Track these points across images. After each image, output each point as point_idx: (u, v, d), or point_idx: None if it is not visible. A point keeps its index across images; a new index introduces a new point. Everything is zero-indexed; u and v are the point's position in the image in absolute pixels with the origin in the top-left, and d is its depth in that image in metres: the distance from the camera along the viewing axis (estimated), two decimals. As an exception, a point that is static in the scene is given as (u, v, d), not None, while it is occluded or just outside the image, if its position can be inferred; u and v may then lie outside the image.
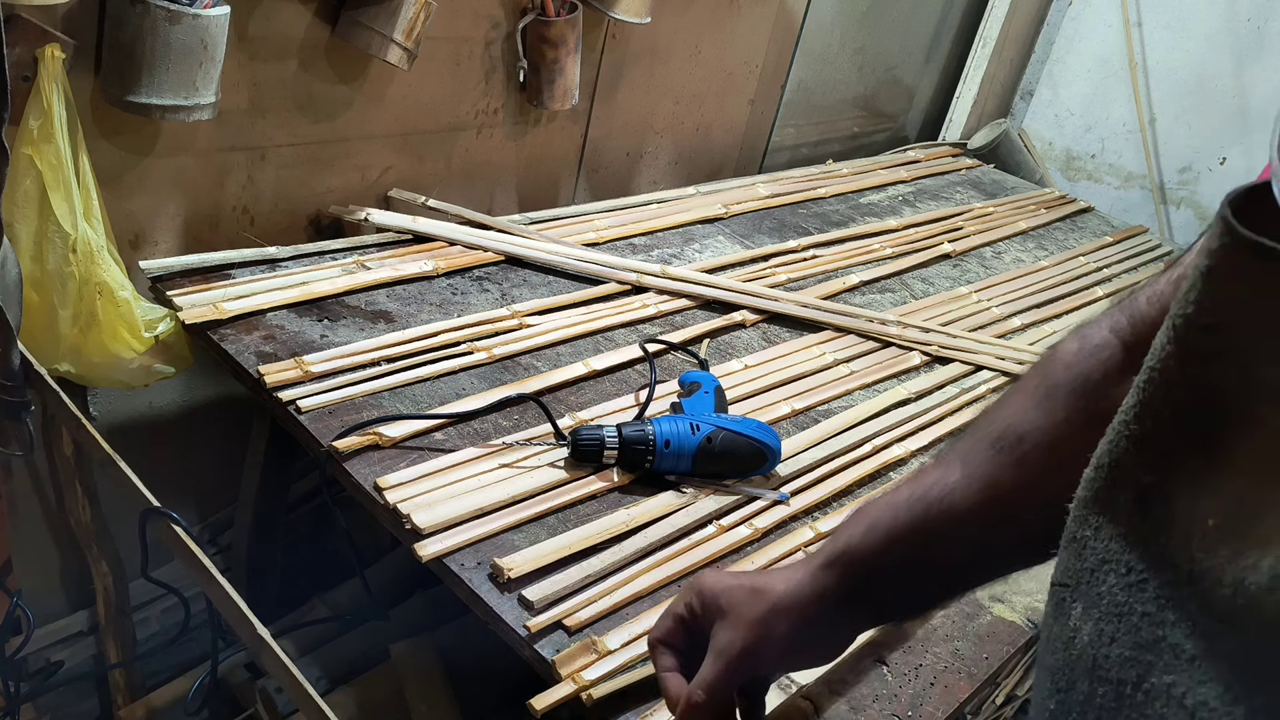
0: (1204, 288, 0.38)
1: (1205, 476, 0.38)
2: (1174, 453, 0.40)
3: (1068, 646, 0.44)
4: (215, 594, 0.90)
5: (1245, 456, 0.37)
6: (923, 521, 0.60)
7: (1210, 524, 0.37)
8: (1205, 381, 0.38)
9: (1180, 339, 0.39)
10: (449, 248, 1.47)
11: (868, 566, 0.62)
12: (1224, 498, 0.37)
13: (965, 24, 2.69)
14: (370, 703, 1.28)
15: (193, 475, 1.48)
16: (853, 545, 0.63)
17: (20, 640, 1.26)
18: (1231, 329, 0.37)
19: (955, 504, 0.59)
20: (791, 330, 1.52)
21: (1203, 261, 0.38)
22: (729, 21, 1.96)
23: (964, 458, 0.61)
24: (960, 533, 0.60)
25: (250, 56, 1.27)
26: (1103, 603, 0.42)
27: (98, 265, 1.11)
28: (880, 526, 0.62)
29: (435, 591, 1.44)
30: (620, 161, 1.93)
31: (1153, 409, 0.40)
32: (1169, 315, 0.40)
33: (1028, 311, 1.78)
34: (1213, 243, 0.37)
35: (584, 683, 0.87)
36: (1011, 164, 2.66)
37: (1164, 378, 0.39)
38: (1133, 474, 0.41)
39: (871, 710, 0.93)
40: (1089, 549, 0.43)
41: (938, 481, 0.61)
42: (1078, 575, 0.44)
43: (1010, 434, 0.59)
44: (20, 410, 1.08)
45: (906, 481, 0.64)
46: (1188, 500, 0.39)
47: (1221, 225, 0.37)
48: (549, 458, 1.10)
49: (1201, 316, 0.38)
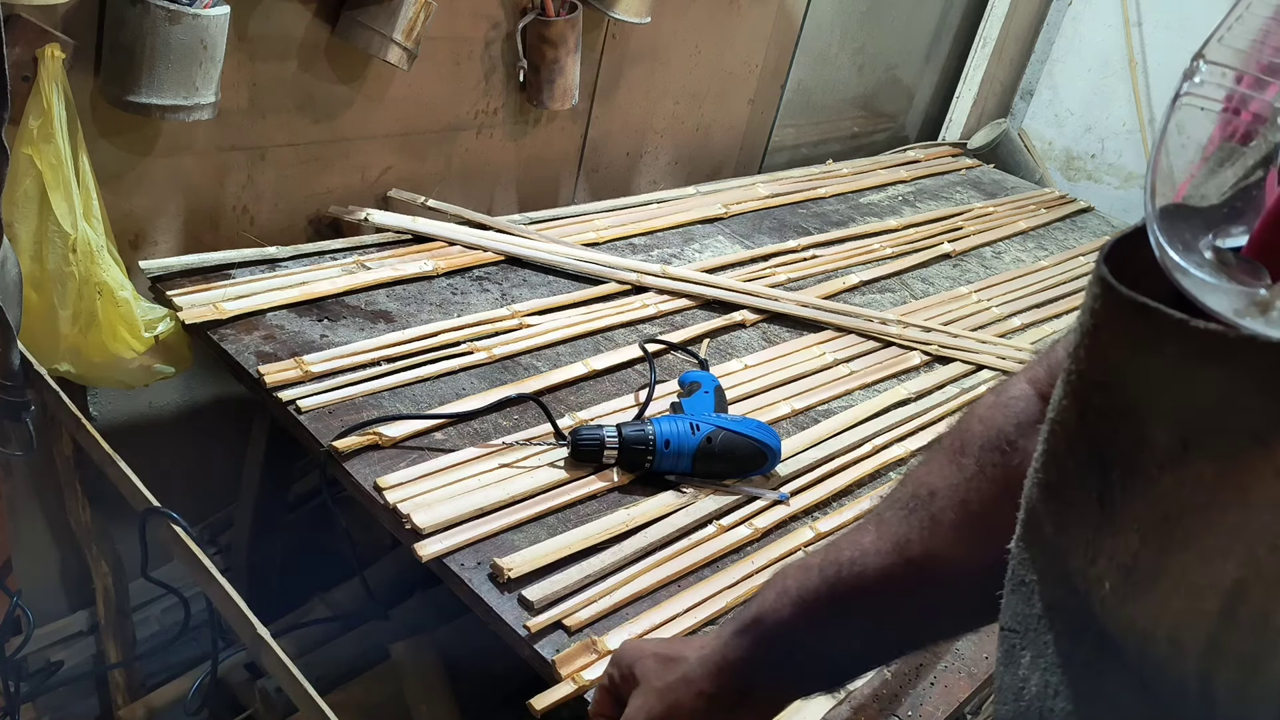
0: (1091, 345, 0.36)
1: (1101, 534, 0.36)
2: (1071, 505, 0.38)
3: (1017, 697, 0.42)
4: (215, 594, 0.90)
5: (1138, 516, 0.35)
6: (835, 585, 0.58)
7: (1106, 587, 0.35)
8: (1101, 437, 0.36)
9: (1075, 393, 0.37)
10: (449, 248, 1.47)
11: (779, 633, 0.60)
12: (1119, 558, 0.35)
13: (965, 24, 2.69)
14: (370, 703, 1.28)
15: (193, 475, 1.48)
16: (764, 611, 0.60)
17: (20, 640, 1.26)
18: (1121, 387, 0.35)
19: (868, 566, 0.57)
20: (791, 330, 1.52)
21: (1087, 319, 0.36)
22: (729, 21, 1.96)
23: (879, 519, 0.59)
24: (873, 596, 0.57)
25: (250, 56, 1.27)
26: (1048, 652, 0.40)
27: (98, 265, 1.11)
28: (791, 591, 0.59)
29: (435, 591, 1.44)
30: (620, 161, 1.93)
31: (1057, 459, 0.39)
32: (1064, 369, 0.38)
33: (1028, 311, 1.78)
34: (1094, 301, 0.35)
35: (584, 683, 0.87)
36: (1011, 164, 2.66)
37: (1064, 430, 0.38)
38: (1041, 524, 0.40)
39: (871, 710, 0.93)
40: (1036, 594, 0.42)
41: (851, 544, 0.58)
42: (1025, 622, 0.42)
43: (922, 491, 0.57)
44: (20, 410, 1.08)
45: (824, 547, 0.61)
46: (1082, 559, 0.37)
47: (1100, 285, 0.35)
48: (549, 458, 1.10)
49: (1094, 374, 0.36)
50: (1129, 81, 2.68)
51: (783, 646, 0.60)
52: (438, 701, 1.27)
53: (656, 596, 0.98)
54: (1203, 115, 0.35)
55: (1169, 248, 0.33)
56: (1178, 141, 0.36)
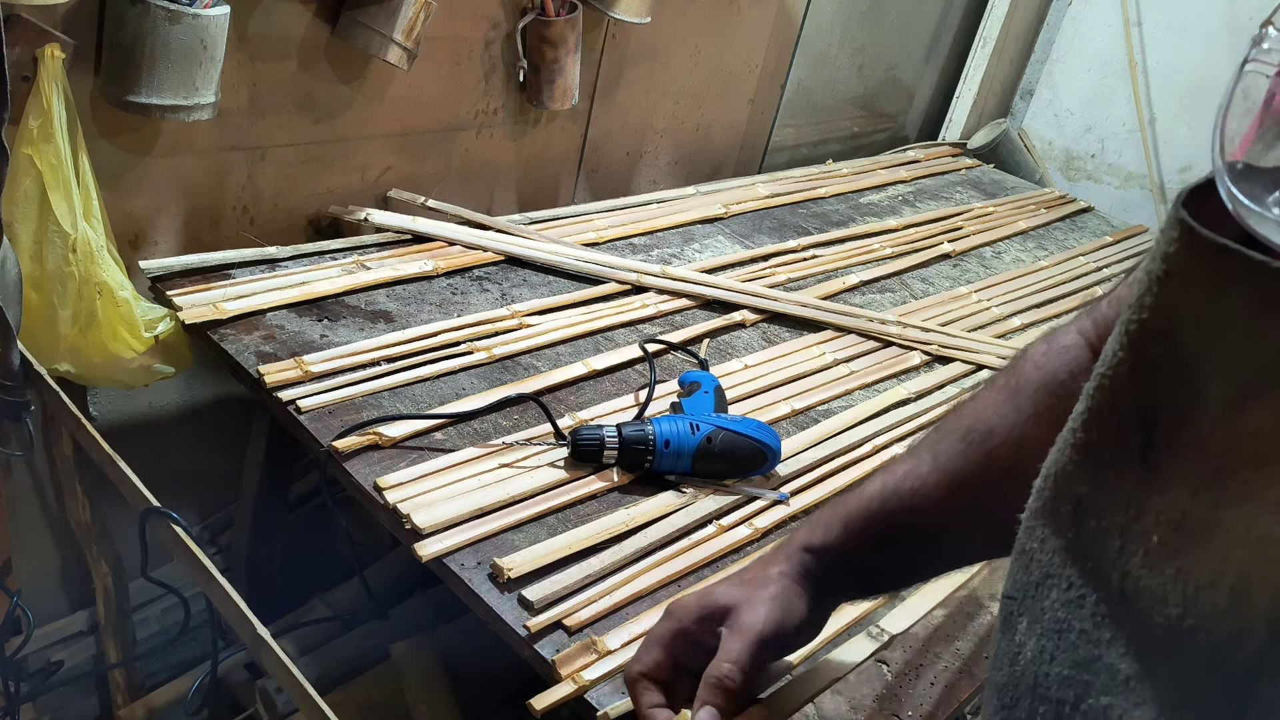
0: (1160, 292, 0.36)
1: (1145, 491, 0.37)
2: (1111, 465, 0.39)
3: (1013, 662, 0.43)
4: (215, 594, 0.90)
5: (1188, 472, 0.35)
6: (895, 513, 0.60)
7: (1154, 540, 0.36)
8: (1153, 391, 0.37)
9: (1134, 344, 0.38)
10: (449, 248, 1.47)
11: (840, 555, 0.62)
12: (1166, 514, 0.36)
13: (965, 24, 2.69)
14: (370, 703, 1.28)
15: (193, 475, 1.48)
16: (830, 539, 0.62)
17: (20, 640, 1.26)
18: (1185, 336, 0.36)
19: (928, 496, 0.60)
20: (791, 330, 1.52)
21: (1158, 265, 0.36)
22: (729, 21, 1.96)
23: (934, 450, 0.61)
24: (931, 524, 0.60)
25: (250, 56, 1.27)
26: (1044, 618, 0.41)
27: (97, 265, 1.11)
28: (855, 518, 0.62)
29: (435, 591, 1.44)
30: (620, 161, 1.93)
31: (1100, 417, 0.39)
32: (1120, 321, 0.38)
33: (1028, 311, 1.78)
34: (1169, 245, 0.36)
35: (584, 683, 0.87)
36: (1011, 164, 2.66)
37: (1113, 385, 0.38)
38: (1071, 484, 0.41)
39: (871, 710, 0.93)
40: (1034, 562, 0.43)
41: (910, 473, 0.61)
42: (1024, 589, 0.43)
43: (980, 427, 0.59)
44: (20, 410, 1.08)
45: (879, 473, 0.63)
46: (1122, 515, 0.37)
47: (1179, 228, 0.35)
48: (549, 458, 1.10)
49: (1157, 322, 0.37)
50: (1129, 81, 2.68)
51: (843, 565, 0.62)
52: (438, 701, 1.27)
53: (656, 596, 0.98)
54: (1267, 81, 0.36)
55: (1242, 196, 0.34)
56: (1242, 106, 0.36)
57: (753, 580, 0.63)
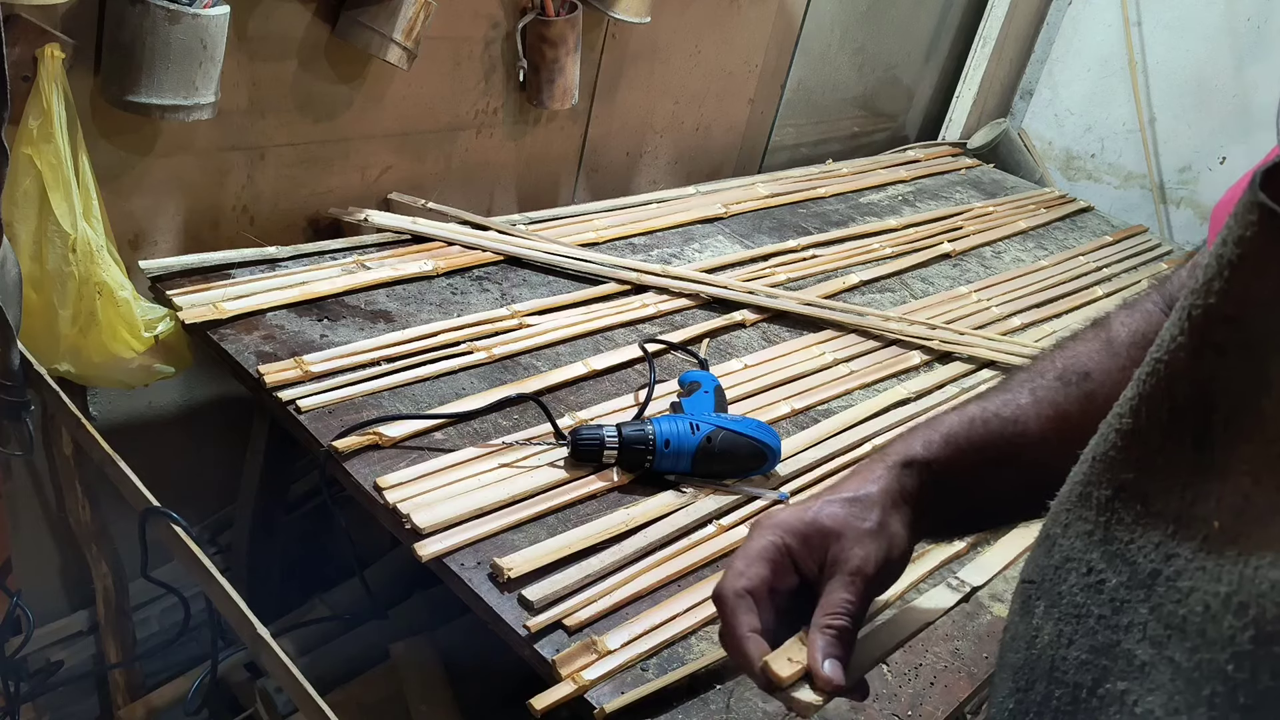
0: (1231, 276, 0.36)
1: (1202, 477, 0.37)
2: (1159, 450, 0.39)
3: (1029, 645, 0.43)
4: (215, 594, 0.90)
5: (1248, 456, 0.36)
6: (997, 436, 0.59)
7: (1215, 525, 0.36)
8: (1214, 375, 0.37)
9: (1197, 329, 0.37)
10: (448, 248, 1.47)
11: (941, 471, 0.60)
12: (1227, 499, 0.36)
13: (965, 23, 2.69)
14: (370, 703, 1.28)
15: (193, 475, 1.48)
16: (932, 453, 0.60)
17: (20, 640, 1.26)
18: (1255, 320, 0.35)
19: (1027, 426, 0.59)
20: (791, 330, 1.52)
21: (1230, 250, 0.36)
22: (729, 21, 1.96)
23: (1030, 386, 0.60)
24: (1029, 454, 0.59)
25: (250, 56, 1.27)
26: (1063, 602, 0.41)
27: (97, 265, 1.11)
28: (957, 435, 0.60)
29: (435, 591, 1.44)
30: (620, 161, 1.93)
31: (1151, 403, 0.39)
32: (1180, 307, 0.38)
33: (1027, 311, 1.78)
34: (1245, 229, 0.35)
35: (584, 683, 0.87)
36: (1011, 164, 2.66)
37: (1169, 370, 0.38)
38: (1112, 470, 0.41)
39: (871, 710, 0.93)
40: (1057, 546, 0.43)
41: (1009, 402, 0.60)
42: (1043, 572, 0.44)
43: (1077, 368, 0.59)
44: (20, 410, 1.08)
45: (973, 401, 0.62)
46: (1178, 501, 0.38)
47: (1258, 211, 0.35)
48: (549, 457, 1.10)
49: (1225, 307, 0.36)
50: (1129, 81, 2.68)
51: (943, 483, 0.60)
52: (438, 701, 1.27)
53: (656, 596, 0.98)
54: None
55: None
56: None
57: (854, 500, 0.59)
